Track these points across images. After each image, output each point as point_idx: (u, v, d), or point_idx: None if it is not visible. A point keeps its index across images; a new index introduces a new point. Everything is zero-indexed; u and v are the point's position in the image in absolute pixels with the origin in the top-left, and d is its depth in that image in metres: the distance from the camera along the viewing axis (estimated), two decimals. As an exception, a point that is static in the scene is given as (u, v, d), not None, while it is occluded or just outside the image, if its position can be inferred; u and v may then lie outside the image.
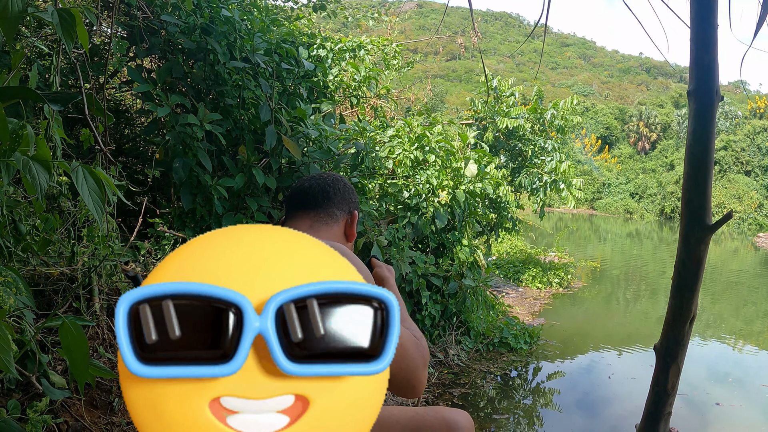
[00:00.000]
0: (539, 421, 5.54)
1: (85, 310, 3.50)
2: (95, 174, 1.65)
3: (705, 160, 1.82)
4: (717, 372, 7.54)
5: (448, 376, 6.06)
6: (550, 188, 11.32)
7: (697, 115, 1.82)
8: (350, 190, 2.23)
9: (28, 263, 3.34)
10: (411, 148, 6.52)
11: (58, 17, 1.56)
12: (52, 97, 1.61)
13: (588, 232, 31.78)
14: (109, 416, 3.40)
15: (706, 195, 1.84)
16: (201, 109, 4.88)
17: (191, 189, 5.13)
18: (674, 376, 2.03)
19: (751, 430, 5.63)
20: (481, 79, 11.81)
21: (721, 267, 19.73)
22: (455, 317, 6.89)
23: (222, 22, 5.18)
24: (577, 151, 54.81)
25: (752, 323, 10.97)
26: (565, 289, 12.07)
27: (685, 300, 1.97)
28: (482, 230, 9.04)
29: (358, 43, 8.06)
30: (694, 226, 1.86)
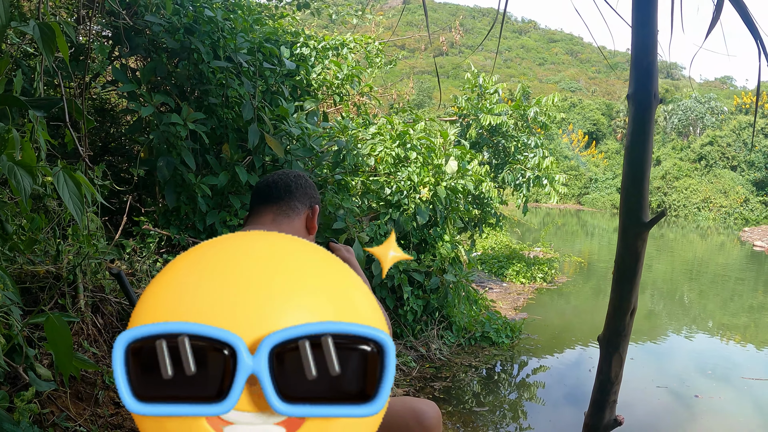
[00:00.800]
0: (521, 414, 5.64)
1: (70, 307, 3.58)
2: (75, 178, 1.73)
3: (642, 160, 1.92)
4: (698, 364, 7.67)
5: (429, 370, 6.15)
6: (533, 184, 11.44)
7: (635, 118, 1.91)
8: (311, 186, 2.33)
9: (14, 262, 3.42)
10: (393, 146, 6.60)
11: (39, 31, 1.64)
12: (35, 104, 1.69)
13: (575, 227, 31.88)
14: (93, 408, 3.50)
15: (642, 193, 1.94)
16: (185, 108, 4.94)
17: (175, 187, 5.19)
18: (617, 366, 2.14)
19: (728, 421, 5.74)
20: (467, 75, 11.86)
21: (707, 261, 19.93)
22: (437, 312, 6.98)
23: (205, 21, 5.23)
24: (564, 146, 55.02)
25: (737, 316, 11.11)
26: (549, 284, 12.18)
27: (624, 293, 2.08)
28: (465, 226, 9.13)
29: (341, 41, 8.13)
30: (632, 222, 1.96)
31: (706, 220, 41.19)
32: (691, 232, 33.28)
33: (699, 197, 44.03)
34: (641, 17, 1.91)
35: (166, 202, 5.23)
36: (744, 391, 6.60)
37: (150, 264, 4.53)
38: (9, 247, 2.80)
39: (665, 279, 15.38)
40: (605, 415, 2.19)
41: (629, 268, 2.04)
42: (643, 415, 5.74)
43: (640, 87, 1.92)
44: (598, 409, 2.19)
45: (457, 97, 12.00)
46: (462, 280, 7.15)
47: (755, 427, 5.62)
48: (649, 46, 1.89)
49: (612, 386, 2.17)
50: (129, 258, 4.50)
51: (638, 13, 1.92)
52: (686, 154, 48.51)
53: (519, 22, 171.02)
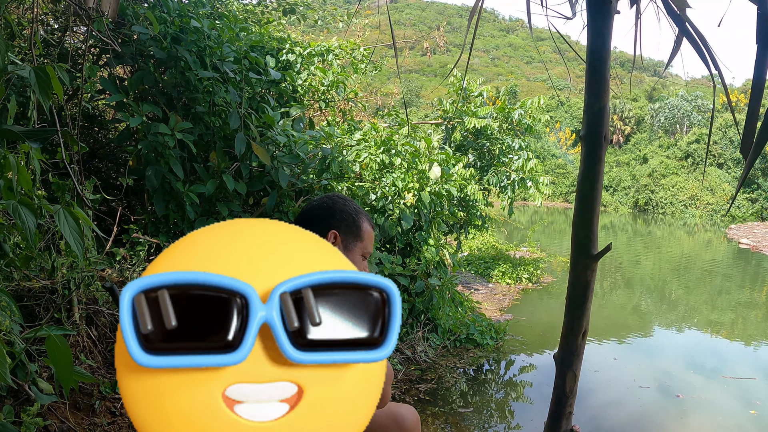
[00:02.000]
0: (508, 413, 5.75)
1: (66, 320, 3.68)
2: (75, 215, 1.84)
3: (592, 197, 2.05)
4: (681, 363, 7.81)
5: (415, 372, 6.24)
6: (518, 186, 11.56)
7: (586, 158, 2.04)
8: (328, 209, 2.22)
9: (11, 278, 3.52)
10: (377, 152, 6.70)
11: (35, 76, 1.74)
12: (31, 135, 1.80)
13: (563, 225, 31.93)
14: (91, 418, 3.61)
15: (592, 228, 2.07)
16: (172, 117, 5.00)
17: (164, 195, 5.27)
18: (571, 382, 2.27)
19: (708, 420, 5.86)
20: (451, 79, 11.96)
21: (694, 258, 20.11)
22: (423, 315, 7.08)
23: (192, 31, 5.32)
24: (551, 144, 55.21)
25: (723, 314, 11.28)
26: (535, 284, 12.27)
27: (575, 317, 2.21)
28: (451, 229, 9.23)
29: (326, 47, 8.21)
30: (581, 254, 2.10)
31: (693, 218, 41.44)
32: (678, 229, 33.52)
33: (686, 195, 44.31)
34: (594, 65, 2.03)
35: (155, 210, 5.32)
36: (726, 390, 6.72)
37: (140, 272, 4.62)
38: (6, 264, 2.89)
39: (652, 276, 15.55)
40: (562, 425, 2.33)
41: (579, 296, 2.17)
42: (625, 415, 5.86)
43: (590, 130, 2.04)
44: (555, 420, 2.33)
45: (441, 101, 12.10)
46: (447, 284, 7.26)
47: (734, 427, 5.75)
48: (601, 92, 2.01)
49: (567, 399, 2.30)
50: (119, 266, 4.59)
51: (591, 63, 2.05)
52: (673, 152, 48.80)
53: (506, 20, 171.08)
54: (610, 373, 7.06)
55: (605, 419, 5.72)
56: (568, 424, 2.32)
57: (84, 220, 1.90)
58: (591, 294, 2.16)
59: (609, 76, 2.00)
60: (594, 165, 2.02)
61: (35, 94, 2.42)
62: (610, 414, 5.85)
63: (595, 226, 2.06)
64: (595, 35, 2.03)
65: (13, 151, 2.36)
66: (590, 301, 2.17)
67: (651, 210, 45.08)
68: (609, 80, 2.01)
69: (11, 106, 2.35)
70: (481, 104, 11.78)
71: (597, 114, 2.01)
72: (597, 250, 2.10)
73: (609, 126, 2.02)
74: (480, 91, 11.89)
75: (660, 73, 17.90)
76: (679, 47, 2.19)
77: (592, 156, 2.02)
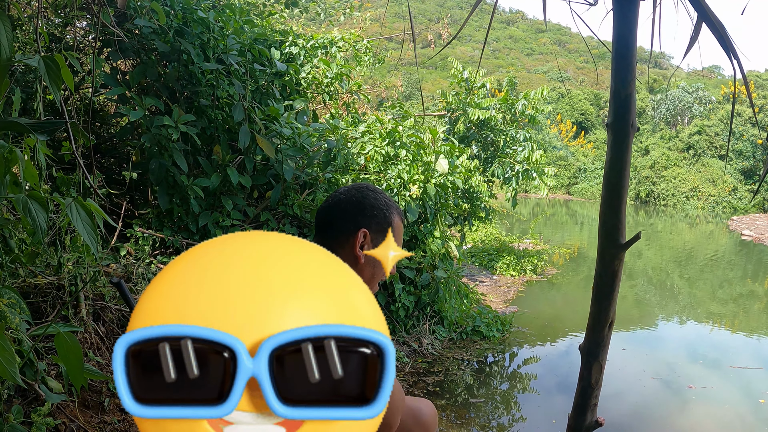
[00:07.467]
0: (514, 404, 5.73)
1: (73, 317, 3.64)
2: (87, 208, 1.79)
3: (619, 185, 2.01)
4: (691, 354, 7.80)
5: (422, 365, 6.22)
6: (522, 177, 11.52)
7: (614, 146, 2.00)
8: (358, 204, 2.04)
9: (17, 275, 3.48)
10: (382, 144, 6.66)
11: (44, 65, 1.69)
12: (37, 128, 1.75)
13: (564, 217, 31.93)
14: (101, 415, 3.57)
15: (619, 217, 2.03)
16: (175, 110, 4.97)
17: (168, 189, 5.24)
18: (597, 373, 2.23)
19: (718, 411, 5.84)
20: (452, 70, 11.90)
21: (697, 249, 20.08)
22: (428, 307, 7.05)
23: (196, 23, 5.27)
24: (552, 136, 55.16)
25: (726, 305, 11.24)
26: (539, 275, 12.24)
27: (603, 308, 2.17)
28: (455, 221, 9.20)
29: (329, 40, 8.16)
30: (609, 244, 2.06)
31: (694, 209, 41.36)
32: (680, 221, 33.45)
33: (687, 186, 44.20)
34: (621, 51, 1.99)
35: (159, 204, 5.28)
36: (735, 380, 6.70)
37: (145, 267, 4.59)
38: (11, 260, 2.86)
39: (655, 267, 15.52)
40: (587, 417, 2.29)
41: (607, 285, 2.13)
42: (635, 406, 5.84)
43: (618, 117, 2.00)
44: (580, 413, 2.29)
45: (444, 92, 12.05)
46: (452, 276, 7.23)
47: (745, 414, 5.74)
48: (628, 79, 1.97)
49: (593, 391, 2.27)
50: (125, 261, 4.56)
51: (618, 49, 2.00)
52: (674, 143, 48.66)
53: (507, 12, 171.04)
54: (620, 363, 7.03)
55: (617, 411, 5.68)
56: (593, 415, 2.28)
57: (97, 213, 1.85)
58: (618, 284, 2.13)
59: (636, 62, 1.96)
60: (622, 153, 1.98)
61: (42, 85, 2.36)
62: (623, 405, 5.82)
63: (622, 214, 2.03)
64: (622, 21, 1.99)
65: (18, 145, 2.31)
66: (617, 292, 2.14)
67: (652, 202, 44.99)
68: (636, 67, 1.97)
69: (15, 99, 2.30)
70: (484, 95, 11.73)
71: (624, 101, 1.97)
72: (625, 239, 2.06)
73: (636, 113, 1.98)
74: (483, 82, 11.85)
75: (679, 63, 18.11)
76: (698, 34, 2.14)
77: (620, 144, 1.98)
